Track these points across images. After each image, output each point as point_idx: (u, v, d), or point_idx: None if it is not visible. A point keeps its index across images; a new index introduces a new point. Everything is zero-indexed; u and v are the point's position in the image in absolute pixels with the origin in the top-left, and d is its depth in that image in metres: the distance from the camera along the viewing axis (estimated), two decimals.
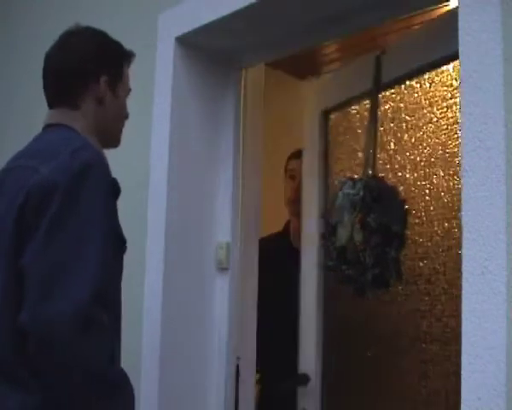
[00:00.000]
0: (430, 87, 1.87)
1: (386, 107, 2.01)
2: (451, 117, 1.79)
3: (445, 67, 1.83)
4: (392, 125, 1.99)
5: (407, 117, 1.94)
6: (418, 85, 1.91)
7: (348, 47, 3.19)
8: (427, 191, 1.84)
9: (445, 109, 1.82)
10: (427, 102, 1.87)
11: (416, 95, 1.91)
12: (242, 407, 2.04)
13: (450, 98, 1.80)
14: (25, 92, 2.76)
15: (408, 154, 1.92)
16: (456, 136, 1.76)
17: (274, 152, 2.81)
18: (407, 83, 1.94)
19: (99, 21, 2.37)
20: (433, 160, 1.84)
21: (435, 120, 1.85)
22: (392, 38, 3.01)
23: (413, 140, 1.91)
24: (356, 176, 1.97)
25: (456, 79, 1.76)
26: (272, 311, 2.29)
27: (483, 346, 1.16)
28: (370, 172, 1.90)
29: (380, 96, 1.99)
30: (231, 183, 2.07)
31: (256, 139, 2.18)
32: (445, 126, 1.81)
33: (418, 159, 1.88)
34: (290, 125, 3.43)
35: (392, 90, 2.00)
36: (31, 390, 1.20)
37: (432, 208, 1.82)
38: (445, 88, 1.82)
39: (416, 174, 1.88)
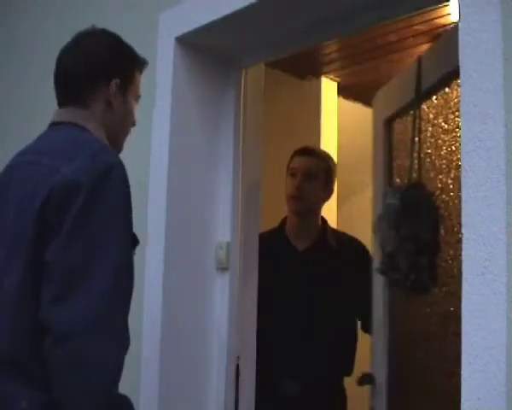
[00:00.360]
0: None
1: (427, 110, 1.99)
2: None
3: None
4: (430, 129, 1.97)
5: (443, 122, 1.91)
6: (453, 90, 1.86)
7: (348, 47, 3.19)
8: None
9: None
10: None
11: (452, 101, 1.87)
12: (242, 407, 2.04)
13: None
14: (25, 92, 2.76)
15: (444, 160, 1.90)
16: None
17: (274, 152, 2.81)
18: (445, 89, 1.90)
19: (99, 21, 2.37)
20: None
21: None
22: (392, 38, 3.01)
23: (448, 145, 1.89)
24: (398, 184, 2.02)
25: None
26: (272, 309, 2.27)
27: (483, 346, 1.16)
28: (414, 176, 1.94)
29: (422, 101, 1.96)
30: (231, 183, 2.07)
31: (256, 139, 2.18)
32: None
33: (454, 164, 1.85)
34: (290, 124, 3.44)
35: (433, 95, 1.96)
36: (44, 388, 1.20)
37: None
38: None
39: (450, 178, 1.87)
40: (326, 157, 2.56)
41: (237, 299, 2.05)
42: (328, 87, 3.69)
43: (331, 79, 3.70)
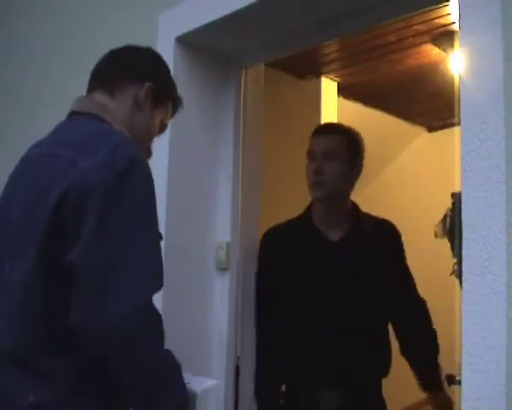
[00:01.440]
0: None
1: None
2: None
3: None
4: None
5: None
6: None
7: (348, 47, 3.19)
8: None
9: None
10: None
11: None
12: (242, 407, 2.04)
13: None
14: (25, 92, 2.76)
15: None
16: None
17: (274, 152, 2.81)
18: None
19: (99, 21, 2.39)
20: None
21: None
22: (392, 38, 3.02)
23: None
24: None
25: None
26: (302, 311, 2.00)
27: (483, 346, 1.16)
28: None
29: None
30: (231, 183, 2.07)
31: (256, 139, 2.18)
32: None
33: None
34: (290, 124, 3.44)
35: None
36: (53, 383, 1.20)
37: None
38: None
39: None
40: (347, 130, 2.13)
41: (237, 299, 2.05)
42: (328, 87, 3.70)
43: (331, 79, 3.71)
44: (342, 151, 2.03)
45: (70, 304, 1.18)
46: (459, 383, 1.95)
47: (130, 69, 1.45)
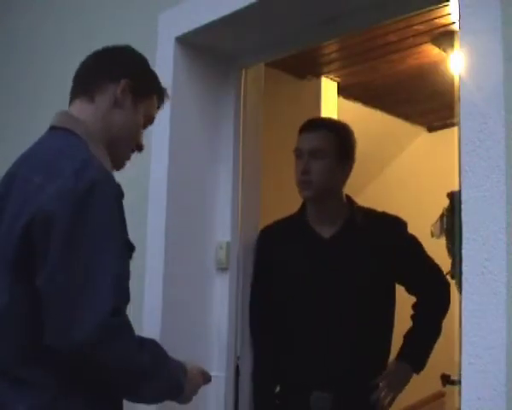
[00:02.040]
0: None
1: None
2: None
3: None
4: None
5: None
6: None
7: (348, 47, 3.19)
8: None
9: None
10: None
11: None
12: (242, 407, 2.04)
13: None
14: (25, 92, 2.76)
15: None
16: None
17: (274, 152, 2.81)
18: None
19: (99, 21, 2.38)
20: None
21: None
22: (392, 38, 3.01)
23: None
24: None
25: None
26: (294, 310, 1.98)
27: (483, 346, 1.16)
28: None
29: None
30: (231, 183, 2.07)
31: (256, 139, 2.18)
32: None
33: None
34: (290, 124, 3.44)
35: None
36: (41, 392, 1.25)
37: None
38: None
39: None
40: (336, 125, 2.11)
41: (237, 299, 2.05)
42: (328, 87, 3.70)
43: (331, 79, 3.70)
44: (329, 147, 2.00)
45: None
46: (454, 382, 1.96)
47: (107, 70, 1.47)
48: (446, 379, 1.96)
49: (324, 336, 1.96)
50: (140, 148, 1.54)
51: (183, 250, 1.99)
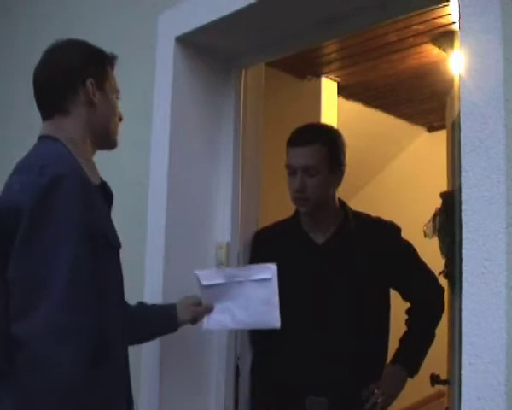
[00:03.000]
0: None
1: None
2: None
3: None
4: None
5: None
6: None
7: (348, 47, 3.19)
8: None
9: None
10: None
11: None
12: (242, 407, 2.04)
13: None
14: (25, 92, 2.76)
15: None
16: None
17: (274, 152, 2.81)
18: None
19: (99, 21, 2.38)
20: None
21: None
22: (392, 38, 3.01)
23: None
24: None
25: None
26: (287, 315, 1.88)
27: (483, 346, 1.16)
28: None
29: None
30: (231, 183, 2.07)
31: (256, 139, 2.18)
32: None
33: None
34: (290, 124, 3.44)
35: None
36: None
37: None
38: None
39: None
40: (325, 136, 2.05)
41: None
42: (328, 87, 3.70)
43: (331, 79, 3.70)
44: (323, 163, 1.98)
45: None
46: (444, 383, 1.96)
47: (69, 82, 1.49)
48: (435, 379, 1.96)
49: (319, 341, 1.96)
50: (121, 119, 1.60)
51: (182, 250, 1.99)
